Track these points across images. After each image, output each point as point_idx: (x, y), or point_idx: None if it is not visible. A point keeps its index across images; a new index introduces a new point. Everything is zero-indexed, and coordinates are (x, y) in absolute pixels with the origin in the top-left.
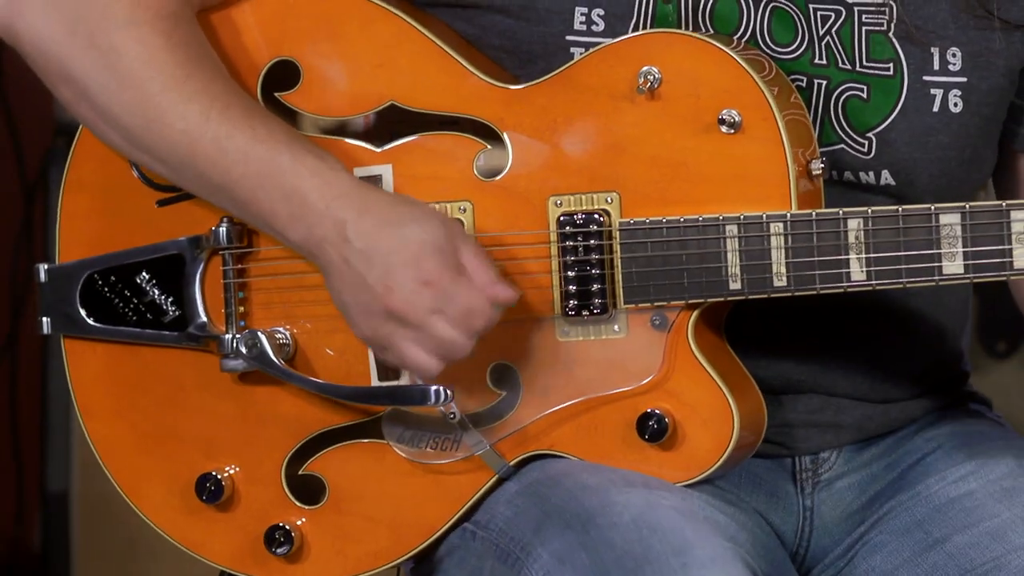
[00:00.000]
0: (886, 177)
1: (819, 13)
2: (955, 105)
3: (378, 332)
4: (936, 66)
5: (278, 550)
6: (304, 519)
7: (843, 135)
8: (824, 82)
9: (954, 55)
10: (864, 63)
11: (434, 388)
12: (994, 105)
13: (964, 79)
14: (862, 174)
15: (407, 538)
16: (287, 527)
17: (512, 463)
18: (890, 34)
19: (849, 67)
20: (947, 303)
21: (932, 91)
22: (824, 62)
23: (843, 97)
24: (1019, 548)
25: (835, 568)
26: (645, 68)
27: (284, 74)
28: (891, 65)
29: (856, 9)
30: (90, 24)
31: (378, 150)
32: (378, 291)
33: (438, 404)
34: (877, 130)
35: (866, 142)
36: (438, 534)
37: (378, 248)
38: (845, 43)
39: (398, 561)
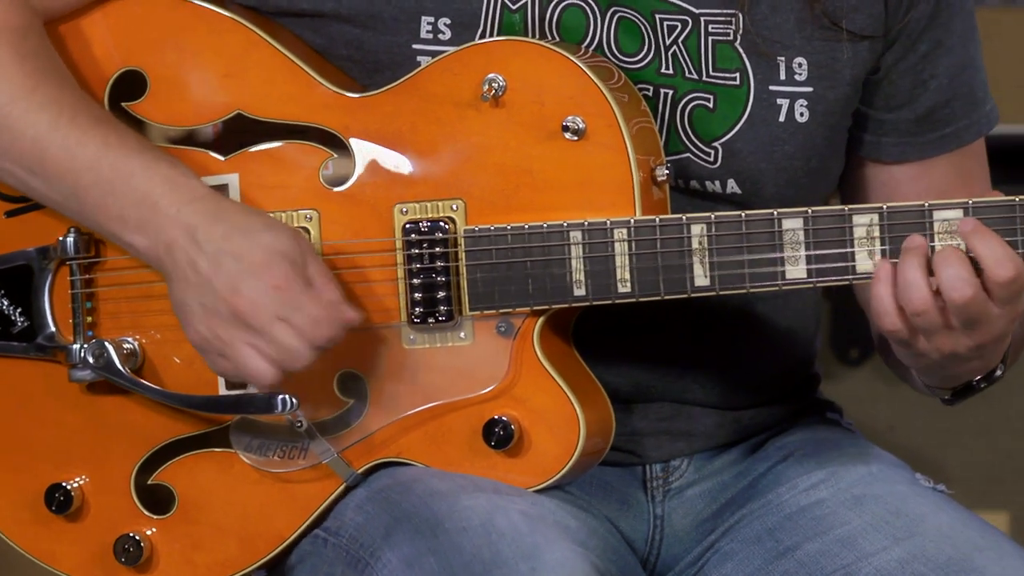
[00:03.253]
0: (732, 186)
1: (665, 23)
2: (801, 115)
3: (218, 335)
4: (782, 76)
5: (127, 560)
6: (153, 529)
7: (689, 144)
8: (670, 92)
9: (800, 65)
10: (710, 73)
11: (280, 396)
12: (840, 115)
13: (810, 89)
14: (708, 183)
15: (256, 547)
16: (136, 537)
17: (360, 471)
18: (736, 44)
19: (695, 77)
20: (796, 309)
21: (778, 101)
22: (670, 72)
23: (689, 107)
24: (869, 555)
25: None
26: (490, 75)
27: (131, 84)
28: (737, 75)
29: (703, 19)
30: None
31: (224, 159)
32: (224, 293)
33: (284, 412)
34: (723, 139)
35: (712, 151)
36: (287, 542)
37: (229, 252)
38: (691, 53)
39: (248, 570)
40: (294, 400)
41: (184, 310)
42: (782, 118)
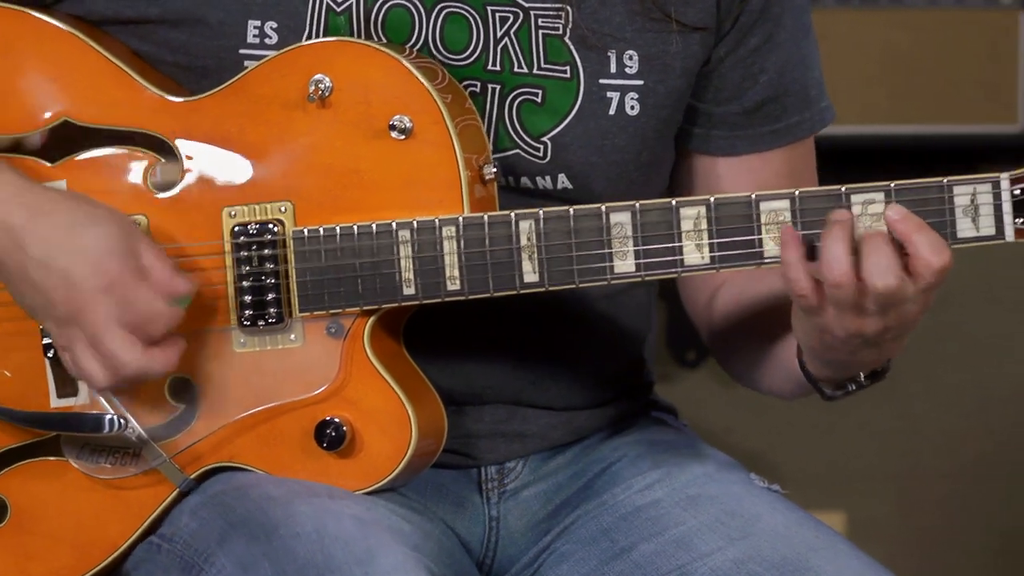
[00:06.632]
0: (563, 181)
1: (497, 15)
2: (632, 108)
3: (63, 334)
4: (613, 69)
5: None
6: None
7: (518, 140)
8: (498, 87)
9: (631, 58)
10: (541, 66)
11: (108, 417)
12: (672, 108)
13: (641, 82)
14: (539, 179)
15: (90, 555)
16: None
17: (192, 476)
18: (566, 38)
19: (525, 70)
20: (628, 310)
21: (608, 94)
22: (498, 68)
23: (517, 102)
24: (704, 556)
25: None
26: (316, 76)
27: None
28: (567, 68)
29: (532, 12)
30: None
31: (52, 165)
32: (59, 296)
33: (111, 432)
34: (552, 134)
35: (541, 147)
36: (121, 550)
37: (55, 258)
38: (523, 45)
39: None
40: (122, 420)
41: (34, 312)
42: (612, 111)
